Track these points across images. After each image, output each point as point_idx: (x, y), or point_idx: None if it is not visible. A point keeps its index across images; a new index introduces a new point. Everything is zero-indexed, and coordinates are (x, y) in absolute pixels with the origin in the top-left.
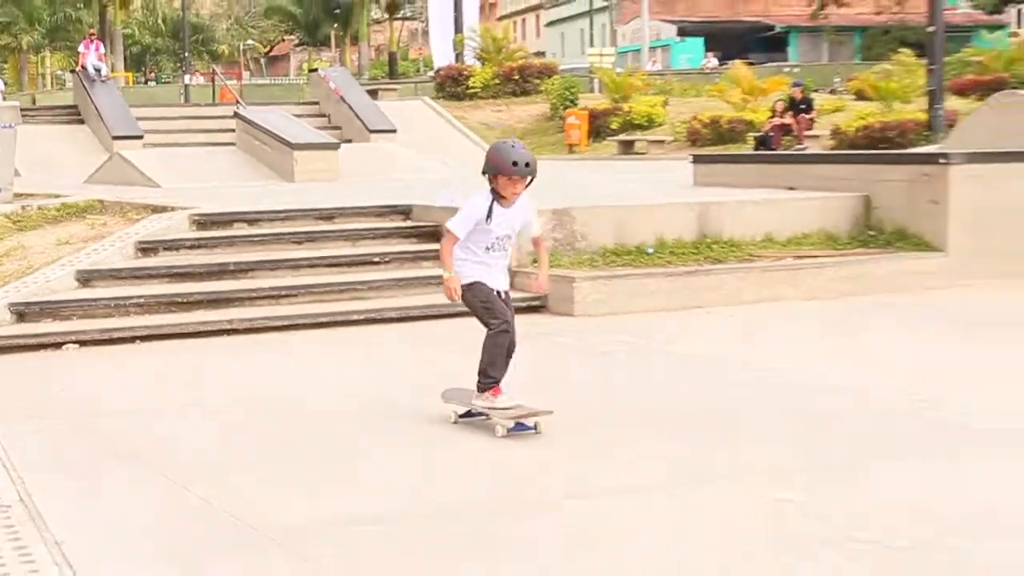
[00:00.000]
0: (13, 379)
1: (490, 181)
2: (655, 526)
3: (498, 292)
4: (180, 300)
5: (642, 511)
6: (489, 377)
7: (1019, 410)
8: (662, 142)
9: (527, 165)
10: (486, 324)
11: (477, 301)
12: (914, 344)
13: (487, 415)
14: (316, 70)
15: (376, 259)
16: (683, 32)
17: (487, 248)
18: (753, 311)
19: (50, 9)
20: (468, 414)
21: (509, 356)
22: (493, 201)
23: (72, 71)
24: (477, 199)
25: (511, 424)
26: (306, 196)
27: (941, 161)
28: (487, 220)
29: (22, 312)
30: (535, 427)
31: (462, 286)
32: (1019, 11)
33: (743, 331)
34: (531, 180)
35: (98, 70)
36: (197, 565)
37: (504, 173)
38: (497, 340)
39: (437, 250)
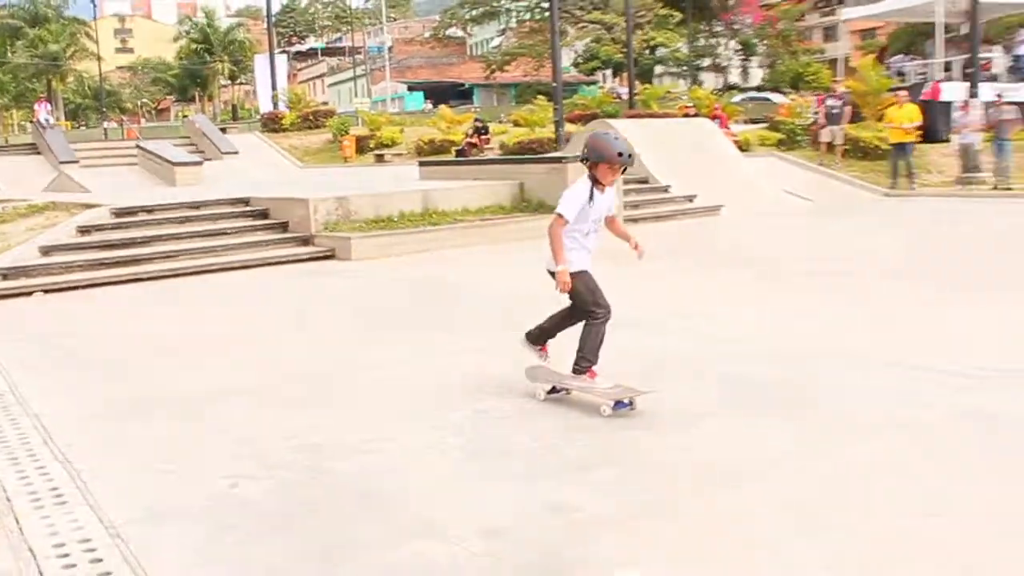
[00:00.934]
0: (1, 316)
1: (591, 168)
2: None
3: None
4: (106, 261)
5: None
6: (587, 361)
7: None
8: (401, 154)
9: (629, 156)
10: (590, 312)
11: (585, 289)
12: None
13: (569, 391)
14: (187, 116)
15: (228, 231)
16: (411, 88)
17: (586, 233)
18: (457, 253)
19: (15, 83)
20: (553, 390)
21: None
22: (592, 186)
23: (30, 122)
24: (579, 186)
25: (612, 403)
26: (183, 194)
27: (563, 161)
28: (589, 203)
29: (5, 274)
30: (631, 403)
31: (572, 274)
32: (604, 75)
33: (450, 263)
34: (625, 169)
35: (47, 120)
36: (125, 419)
37: (608, 161)
38: (600, 329)
39: (268, 224)
